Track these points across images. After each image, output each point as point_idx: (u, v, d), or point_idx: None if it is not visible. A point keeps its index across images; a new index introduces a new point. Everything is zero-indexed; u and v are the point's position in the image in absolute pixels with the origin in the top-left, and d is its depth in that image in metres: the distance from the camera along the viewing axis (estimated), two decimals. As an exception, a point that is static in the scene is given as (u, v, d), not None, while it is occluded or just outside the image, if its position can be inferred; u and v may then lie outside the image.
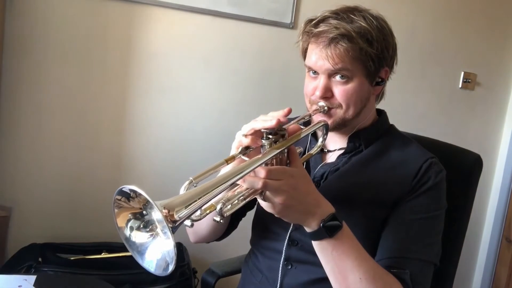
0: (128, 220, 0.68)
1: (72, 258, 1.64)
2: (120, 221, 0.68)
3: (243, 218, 1.14)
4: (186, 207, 0.65)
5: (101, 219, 1.77)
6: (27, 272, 1.51)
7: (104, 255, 1.69)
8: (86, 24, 1.75)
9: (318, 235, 0.82)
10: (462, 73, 2.19)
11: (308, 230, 0.83)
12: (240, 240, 1.17)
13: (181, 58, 1.86)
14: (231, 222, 1.10)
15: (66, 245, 1.73)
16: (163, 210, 0.62)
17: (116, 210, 0.67)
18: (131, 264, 0.66)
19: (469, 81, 2.20)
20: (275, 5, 1.90)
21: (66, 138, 1.79)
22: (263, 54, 1.93)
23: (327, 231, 0.81)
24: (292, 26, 1.92)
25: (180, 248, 1.80)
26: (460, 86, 2.20)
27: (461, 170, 1.15)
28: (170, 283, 1.63)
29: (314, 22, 0.94)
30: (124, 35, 1.79)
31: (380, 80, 1.00)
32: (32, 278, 1.07)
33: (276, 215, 0.79)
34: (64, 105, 1.77)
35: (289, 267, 1.01)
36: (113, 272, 1.58)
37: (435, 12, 2.11)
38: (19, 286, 1.03)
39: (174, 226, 0.63)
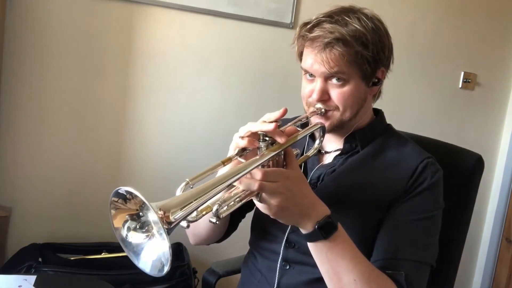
0: (125, 221, 0.68)
1: (72, 258, 1.64)
2: (117, 222, 0.69)
3: (242, 220, 1.14)
4: (181, 208, 0.65)
5: (101, 219, 1.77)
6: (27, 272, 1.51)
7: (104, 255, 1.69)
8: (86, 24, 1.75)
9: (313, 236, 0.82)
10: (462, 73, 2.19)
11: (303, 231, 0.83)
12: (240, 240, 1.17)
13: (181, 58, 1.86)
14: (231, 223, 1.10)
15: (66, 245, 1.73)
16: (159, 212, 0.62)
17: (112, 212, 0.68)
18: (131, 264, 0.66)
19: (469, 81, 2.20)
20: (275, 5, 1.90)
21: (66, 138, 1.79)
22: (263, 54, 1.93)
23: (322, 233, 0.81)
24: (292, 26, 1.92)
25: (180, 248, 1.80)
26: (460, 86, 2.20)
27: (462, 170, 1.15)
28: (170, 283, 1.63)
29: (308, 26, 0.94)
30: (124, 35, 1.79)
31: (376, 80, 0.99)
32: (32, 278, 1.07)
33: (271, 217, 0.80)
34: (64, 105, 1.77)
35: (287, 267, 1.01)
36: (113, 272, 1.58)
37: (435, 12, 2.11)
38: (19, 286, 1.02)
39: (170, 227, 0.63)
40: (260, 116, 0.86)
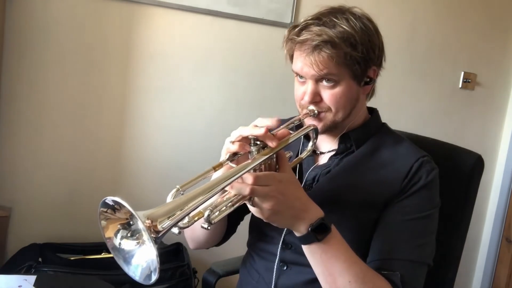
0: (117, 231, 0.68)
1: (72, 258, 1.64)
2: (108, 233, 0.68)
3: (241, 222, 1.14)
4: (169, 217, 0.65)
5: (101, 219, 1.77)
6: (27, 272, 1.51)
7: (104, 255, 1.69)
8: (86, 24, 1.75)
9: (307, 239, 0.82)
10: (462, 73, 2.19)
11: (297, 234, 0.83)
12: (240, 240, 1.17)
13: (181, 58, 1.86)
14: (230, 226, 1.10)
15: (66, 245, 1.73)
16: (146, 221, 0.62)
17: (103, 223, 0.67)
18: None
19: (469, 81, 2.20)
20: (275, 5, 1.90)
21: (66, 138, 1.79)
22: (263, 54, 1.93)
23: (315, 235, 0.81)
24: (292, 26, 1.92)
25: (180, 248, 1.80)
26: (460, 86, 2.20)
27: (462, 170, 1.14)
28: (170, 283, 1.63)
29: (296, 30, 0.93)
30: (124, 35, 1.79)
31: (368, 79, 0.99)
32: (32, 278, 1.06)
33: (265, 220, 0.80)
34: (64, 105, 1.77)
35: (284, 268, 1.01)
36: (113, 272, 1.58)
37: (435, 12, 2.11)
38: (19, 286, 1.02)
39: (157, 236, 0.63)
40: (260, 116, 0.86)
